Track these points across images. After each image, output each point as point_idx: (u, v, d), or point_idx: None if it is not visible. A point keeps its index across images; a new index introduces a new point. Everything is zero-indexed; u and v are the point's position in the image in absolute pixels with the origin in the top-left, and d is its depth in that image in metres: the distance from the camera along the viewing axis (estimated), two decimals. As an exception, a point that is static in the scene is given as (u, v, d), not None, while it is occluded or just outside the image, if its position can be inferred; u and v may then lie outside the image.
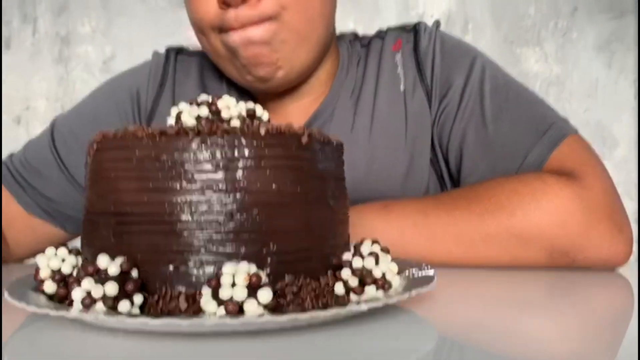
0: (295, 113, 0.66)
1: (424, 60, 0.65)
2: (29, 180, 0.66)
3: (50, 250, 0.36)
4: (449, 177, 0.65)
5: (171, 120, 0.39)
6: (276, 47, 0.58)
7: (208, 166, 0.33)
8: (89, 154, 0.37)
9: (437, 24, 0.69)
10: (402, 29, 0.69)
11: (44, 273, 0.35)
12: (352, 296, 0.36)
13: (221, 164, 0.33)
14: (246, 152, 0.33)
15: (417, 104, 0.65)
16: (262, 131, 0.34)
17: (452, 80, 0.64)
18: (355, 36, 0.71)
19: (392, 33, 0.69)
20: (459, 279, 0.50)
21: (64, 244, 0.38)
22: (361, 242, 0.39)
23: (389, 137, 0.65)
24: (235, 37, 0.58)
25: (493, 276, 0.52)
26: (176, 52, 0.74)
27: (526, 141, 0.59)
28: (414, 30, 0.68)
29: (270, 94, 0.66)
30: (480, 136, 0.61)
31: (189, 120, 0.38)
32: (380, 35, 0.70)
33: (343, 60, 0.68)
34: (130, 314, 0.30)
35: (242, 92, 0.68)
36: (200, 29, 0.61)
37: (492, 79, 0.63)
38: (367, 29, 0.69)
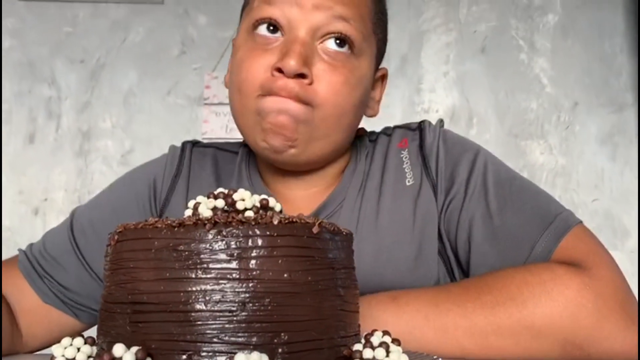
0: (304, 202, 0.68)
1: (429, 156, 0.68)
2: (47, 270, 0.67)
3: (65, 340, 0.37)
4: (458, 267, 0.66)
5: (188, 212, 0.41)
6: (300, 129, 0.60)
7: (223, 256, 0.34)
8: (110, 245, 0.38)
9: (441, 122, 0.72)
10: (408, 127, 0.73)
11: (59, 362, 0.35)
12: (363, 388, 0.35)
13: (235, 254, 0.34)
14: (259, 241, 0.35)
15: (424, 198, 0.67)
16: (275, 221, 0.36)
17: (457, 175, 0.66)
18: (364, 131, 0.75)
19: (398, 131, 0.73)
20: (471, 371, 0.49)
21: (79, 334, 0.38)
22: (372, 333, 0.39)
23: (396, 230, 0.66)
24: (272, 103, 0.59)
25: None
26: (192, 145, 0.77)
27: (532, 232, 0.60)
28: (419, 129, 0.71)
29: (281, 182, 0.68)
30: (486, 228, 0.62)
31: (205, 211, 0.40)
32: (387, 132, 0.74)
33: (353, 155, 0.71)
34: (142, 404, 0.30)
35: (254, 184, 0.71)
36: (239, 89, 0.62)
37: (494, 172, 0.66)
38: (374, 123, 0.73)
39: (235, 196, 0.40)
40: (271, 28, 0.62)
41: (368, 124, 0.73)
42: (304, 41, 0.60)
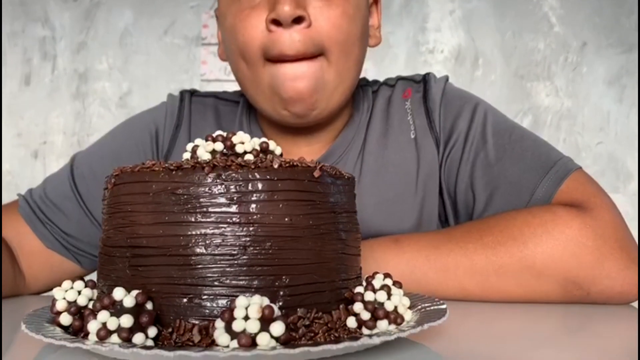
0: (306, 155, 0.67)
1: (433, 109, 0.67)
2: (49, 215, 0.67)
3: (66, 283, 0.37)
4: (454, 220, 0.66)
5: (187, 155, 0.40)
6: (318, 87, 0.59)
7: (222, 200, 0.34)
8: (107, 189, 0.37)
9: (446, 77, 0.71)
10: (412, 79, 0.72)
11: (60, 305, 0.36)
12: (364, 330, 0.36)
13: (235, 198, 0.34)
14: (259, 185, 0.34)
15: (427, 151, 0.66)
16: (275, 165, 0.35)
17: (456, 126, 0.66)
18: (366, 81, 0.74)
19: (402, 83, 0.72)
20: (471, 312, 0.50)
21: (80, 277, 0.38)
22: (373, 276, 0.39)
23: (400, 183, 0.66)
24: (284, 72, 0.58)
25: (506, 310, 0.51)
26: (190, 94, 0.75)
27: (532, 178, 0.60)
28: (424, 81, 0.70)
29: (283, 137, 0.67)
30: (486, 176, 0.62)
31: (204, 154, 0.39)
32: (389, 82, 0.72)
33: (355, 107, 0.70)
34: (144, 346, 0.31)
35: (257, 135, 0.70)
36: (243, 56, 0.60)
37: (494, 123, 0.65)
38: (377, 64, 0.71)
39: (235, 139, 0.39)
40: None
41: (372, 65, 0.70)
42: None
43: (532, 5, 1.87)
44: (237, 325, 0.30)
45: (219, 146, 0.39)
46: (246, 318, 0.30)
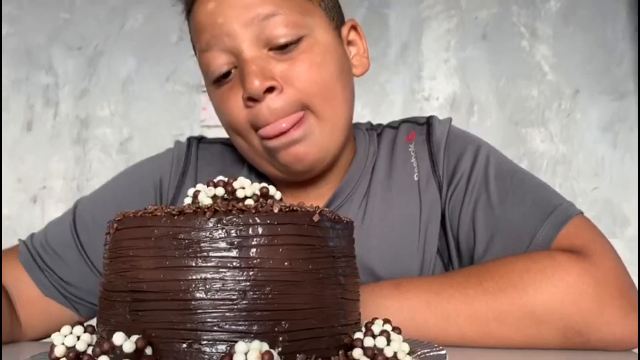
0: (313, 200, 0.67)
1: (437, 151, 0.68)
2: (48, 263, 0.67)
3: (65, 329, 0.37)
4: (458, 262, 0.66)
5: (188, 200, 0.40)
6: (312, 141, 0.61)
7: (223, 244, 0.34)
8: (109, 233, 0.38)
9: (449, 119, 0.72)
10: (415, 121, 0.73)
11: (59, 351, 0.35)
12: (364, 376, 0.35)
13: (236, 242, 0.34)
14: (260, 230, 0.35)
15: (430, 194, 0.67)
16: (276, 209, 0.35)
17: (459, 168, 0.66)
18: (371, 125, 0.75)
19: (405, 125, 0.73)
20: (471, 358, 0.49)
21: (79, 323, 0.38)
22: (372, 322, 0.39)
23: (403, 226, 0.66)
24: (276, 143, 0.61)
25: (505, 356, 0.51)
26: (198, 141, 0.76)
27: (533, 222, 0.60)
28: (427, 123, 0.71)
29: (291, 182, 0.68)
30: (488, 219, 0.62)
31: (205, 199, 0.39)
32: (392, 125, 0.74)
33: (359, 148, 0.71)
34: (143, 393, 0.30)
35: (263, 179, 0.70)
36: (236, 130, 0.64)
37: (496, 165, 0.66)
38: (374, 111, 0.72)
39: (235, 184, 0.40)
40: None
41: (368, 112, 0.72)
42: (254, 57, 0.59)
43: (525, 54, 1.92)
44: (236, 371, 0.30)
45: (220, 191, 0.40)
46: (246, 364, 0.30)
